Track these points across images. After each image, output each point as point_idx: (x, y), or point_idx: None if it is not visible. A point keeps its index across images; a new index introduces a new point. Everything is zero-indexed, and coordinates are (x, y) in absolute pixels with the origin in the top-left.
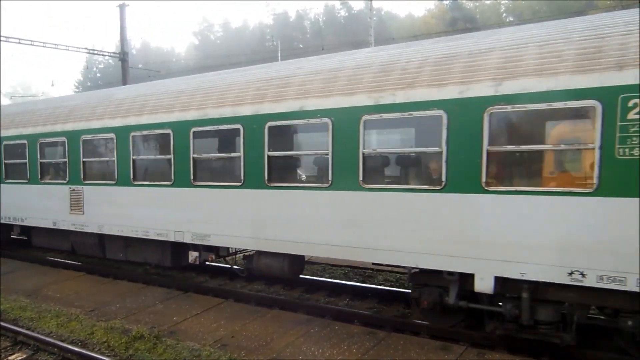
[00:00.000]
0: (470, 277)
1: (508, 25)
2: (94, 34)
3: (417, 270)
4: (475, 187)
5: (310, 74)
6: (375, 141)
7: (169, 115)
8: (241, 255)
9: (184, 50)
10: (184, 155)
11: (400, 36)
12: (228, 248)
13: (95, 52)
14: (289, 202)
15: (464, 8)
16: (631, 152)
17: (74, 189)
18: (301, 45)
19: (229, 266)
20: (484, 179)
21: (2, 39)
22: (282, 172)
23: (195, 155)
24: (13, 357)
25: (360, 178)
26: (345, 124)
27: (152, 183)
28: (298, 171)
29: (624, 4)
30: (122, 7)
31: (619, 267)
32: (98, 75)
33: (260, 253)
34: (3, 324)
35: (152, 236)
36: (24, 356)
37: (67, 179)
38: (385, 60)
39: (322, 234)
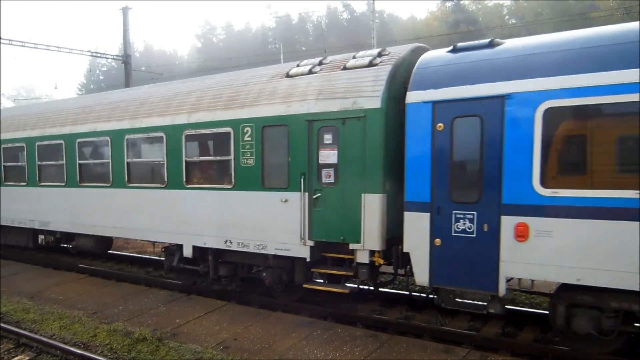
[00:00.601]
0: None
1: (510, 27)
2: (97, 37)
3: (168, 244)
4: (180, 185)
5: (106, 104)
6: (136, 153)
7: (24, 132)
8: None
9: (186, 52)
10: (32, 162)
11: (402, 38)
12: (62, 232)
13: (98, 54)
14: (90, 197)
15: (467, 10)
16: (247, 161)
17: None
18: (304, 48)
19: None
20: (184, 179)
21: (6, 42)
22: (88, 175)
23: (39, 163)
24: (16, 359)
25: (126, 179)
26: (117, 140)
27: (15, 183)
28: (99, 174)
29: (625, 5)
30: (125, 10)
31: (245, 237)
32: (101, 78)
33: (78, 235)
34: (6, 326)
35: (16, 224)
36: (27, 358)
37: None
38: (146, 96)
39: (109, 220)
